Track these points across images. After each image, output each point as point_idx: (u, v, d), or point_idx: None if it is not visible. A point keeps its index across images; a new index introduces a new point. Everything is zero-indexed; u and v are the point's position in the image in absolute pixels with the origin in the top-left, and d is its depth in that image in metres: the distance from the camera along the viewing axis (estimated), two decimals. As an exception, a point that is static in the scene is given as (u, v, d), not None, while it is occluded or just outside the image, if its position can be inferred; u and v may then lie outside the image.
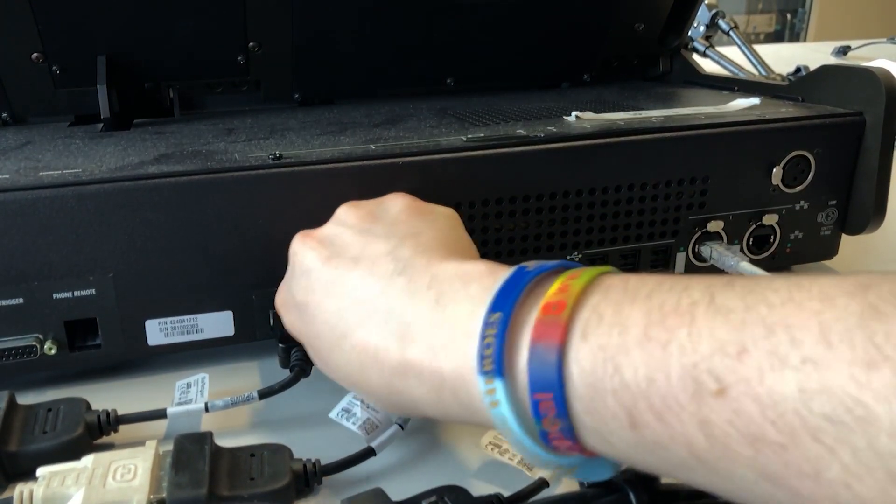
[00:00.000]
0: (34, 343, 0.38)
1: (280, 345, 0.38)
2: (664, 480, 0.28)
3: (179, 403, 0.35)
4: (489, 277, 0.27)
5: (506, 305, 0.24)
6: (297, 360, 0.37)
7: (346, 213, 0.35)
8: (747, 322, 0.20)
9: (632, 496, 0.27)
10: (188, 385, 0.36)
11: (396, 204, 0.35)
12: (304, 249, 0.33)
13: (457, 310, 0.26)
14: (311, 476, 0.31)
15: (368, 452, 0.32)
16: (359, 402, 0.34)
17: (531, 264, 0.26)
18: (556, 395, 0.22)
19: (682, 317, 0.21)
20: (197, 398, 0.35)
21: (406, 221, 0.33)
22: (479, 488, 0.32)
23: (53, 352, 0.38)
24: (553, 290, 0.24)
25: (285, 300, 0.35)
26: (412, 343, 0.27)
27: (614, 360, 0.22)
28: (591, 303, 0.23)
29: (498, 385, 0.24)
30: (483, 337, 0.24)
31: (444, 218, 0.34)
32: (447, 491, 0.29)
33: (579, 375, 0.22)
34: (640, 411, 0.21)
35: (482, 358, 0.24)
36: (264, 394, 0.36)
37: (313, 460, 0.31)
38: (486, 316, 0.25)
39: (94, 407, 0.35)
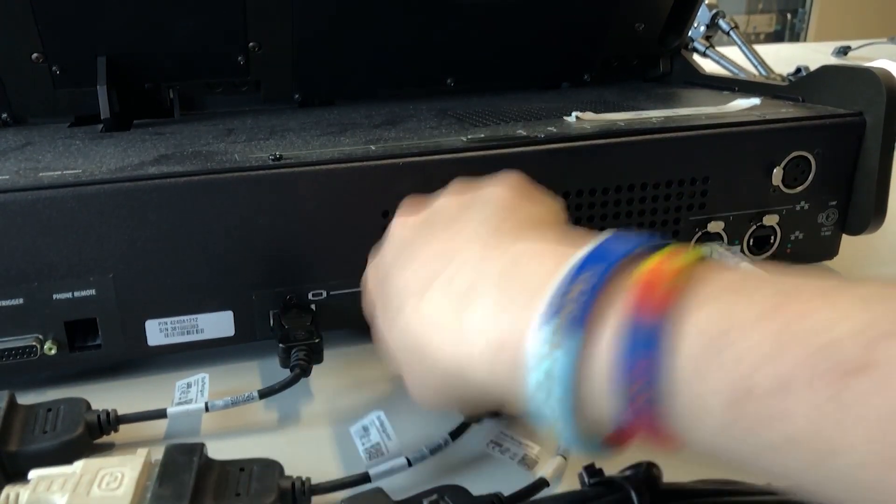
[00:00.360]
0: (34, 343, 0.38)
1: (280, 345, 0.38)
2: (665, 479, 0.28)
3: (180, 403, 0.35)
4: (572, 247, 0.25)
5: (601, 263, 0.23)
6: (298, 360, 0.37)
7: (453, 187, 0.34)
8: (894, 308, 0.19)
9: (633, 495, 0.27)
10: (188, 385, 0.36)
11: (505, 180, 0.33)
12: (401, 217, 0.33)
13: (536, 269, 0.25)
14: (298, 495, 0.30)
15: (364, 479, 0.31)
16: (378, 423, 0.33)
17: (623, 237, 0.25)
18: (655, 362, 0.21)
19: (819, 298, 0.20)
20: (197, 398, 0.35)
21: (506, 197, 0.32)
22: (479, 487, 0.32)
23: (53, 352, 0.38)
24: (655, 260, 0.23)
25: (373, 267, 0.35)
26: (476, 301, 0.26)
27: (732, 332, 0.20)
28: (702, 275, 0.22)
29: (572, 337, 0.22)
30: (565, 291, 0.23)
31: (547, 204, 0.33)
32: (447, 490, 0.29)
33: (688, 344, 0.21)
34: (750, 387, 0.20)
35: (558, 308, 0.23)
36: (265, 393, 0.36)
37: (303, 479, 0.30)
38: (573, 273, 0.23)
39: (94, 407, 0.35)
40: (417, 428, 0.35)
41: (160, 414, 0.35)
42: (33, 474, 0.29)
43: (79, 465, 0.29)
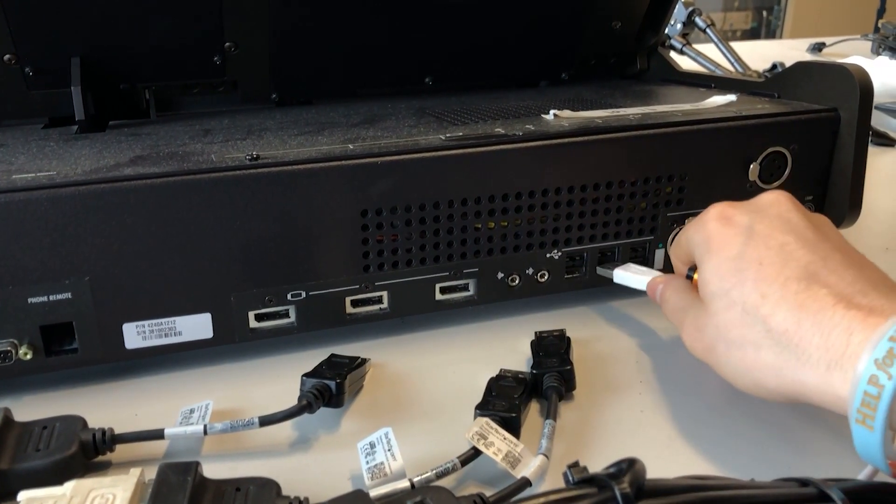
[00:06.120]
0: (9, 348, 0.38)
1: (303, 376, 0.37)
2: (649, 476, 0.28)
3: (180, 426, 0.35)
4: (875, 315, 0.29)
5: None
6: (306, 394, 0.36)
7: (777, 204, 0.36)
8: None
9: (617, 493, 0.27)
10: (191, 411, 0.35)
11: (825, 221, 0.36)
12: (722, 211, 0.38)
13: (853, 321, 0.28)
14: None
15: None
16: (385, 440, 0.32)
17: None
18: None
19: None
20: (198, 423, 0.34)
21: (828, 240, 0.34)
22: (461, 488, 0.32)
23: (29, 357, 0.38)
24: None
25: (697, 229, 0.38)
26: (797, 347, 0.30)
27: None
28: None
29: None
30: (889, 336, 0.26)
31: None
32: (429, 491, 0.29)
33: None
34: None
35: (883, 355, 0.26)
36: (265, 421, 0.34)
37: (301, 498, 0.29)
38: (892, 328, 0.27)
39: (99, 412, 0.34)
40: (429, 445, 0.35)
41: (157, 434, 0.34)
42: (22, 496, 0.28)
43: (69, 485, 0.28)
